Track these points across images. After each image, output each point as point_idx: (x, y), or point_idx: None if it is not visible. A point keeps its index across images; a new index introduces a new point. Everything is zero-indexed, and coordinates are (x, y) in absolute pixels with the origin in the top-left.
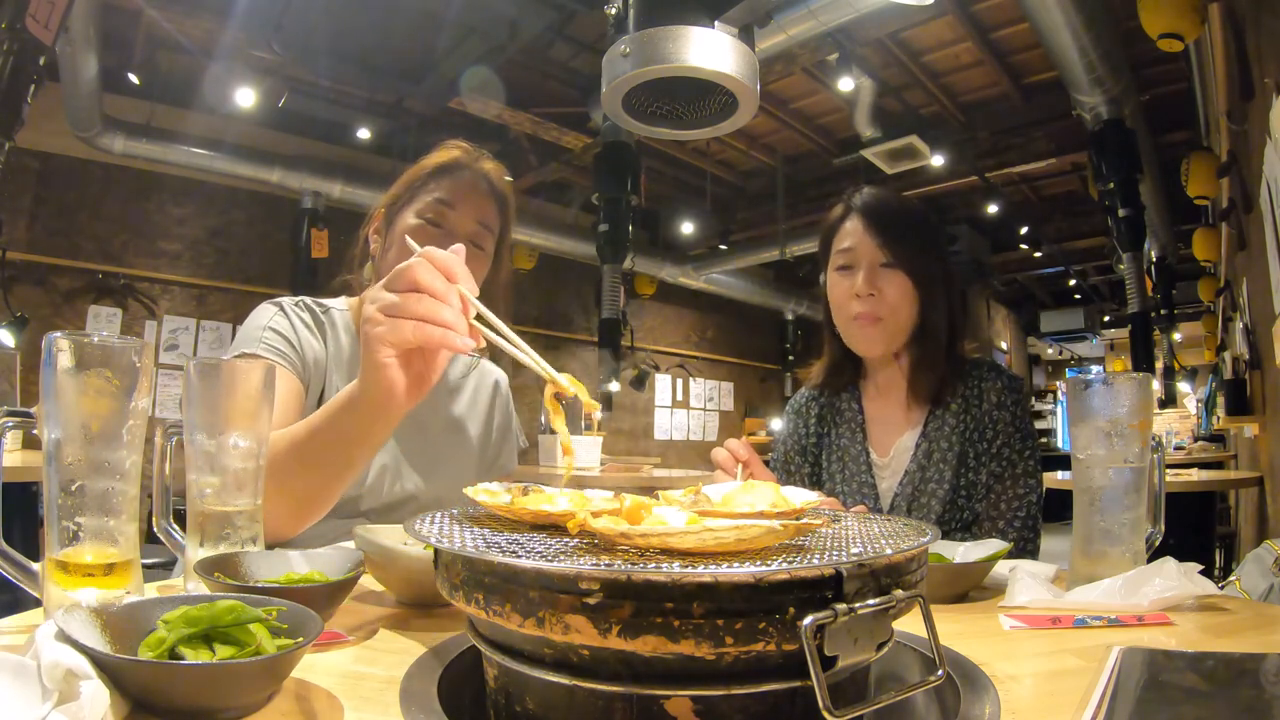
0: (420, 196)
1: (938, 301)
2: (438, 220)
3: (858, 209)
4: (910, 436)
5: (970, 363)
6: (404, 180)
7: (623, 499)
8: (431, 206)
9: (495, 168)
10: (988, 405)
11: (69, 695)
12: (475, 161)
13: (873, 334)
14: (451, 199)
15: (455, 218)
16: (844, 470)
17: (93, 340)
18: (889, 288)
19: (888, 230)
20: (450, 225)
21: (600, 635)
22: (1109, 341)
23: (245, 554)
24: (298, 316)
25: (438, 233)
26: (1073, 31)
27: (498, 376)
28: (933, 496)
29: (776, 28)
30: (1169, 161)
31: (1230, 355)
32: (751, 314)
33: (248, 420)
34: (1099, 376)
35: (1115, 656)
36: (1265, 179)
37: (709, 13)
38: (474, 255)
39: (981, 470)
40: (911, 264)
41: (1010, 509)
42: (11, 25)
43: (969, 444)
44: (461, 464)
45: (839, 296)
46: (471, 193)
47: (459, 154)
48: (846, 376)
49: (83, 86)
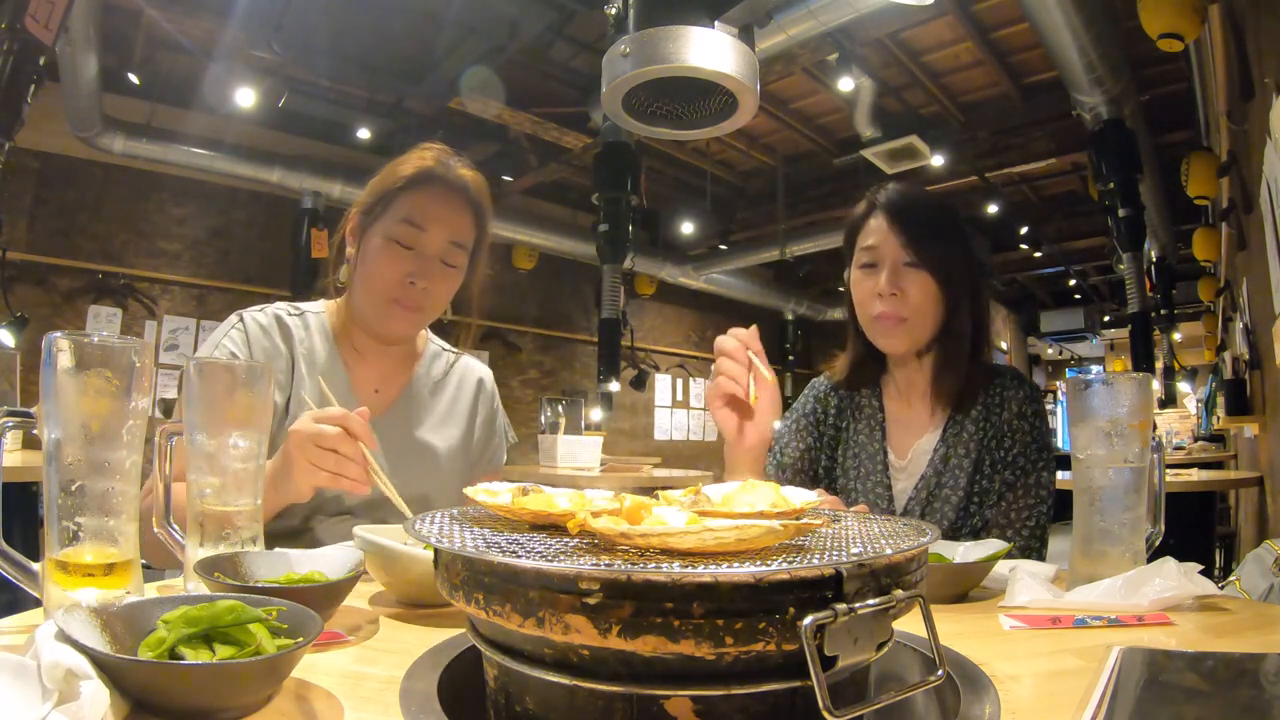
0: (392, 211)
1: (963, 304)
2: (408, 243)
3: (882, 206)
4: (929, 440)
5: (993, 369)
6: (376, 187)
7: (623, 499)
8: (401, 228)
9: (472, 176)
10: (1008, 414)
11: (69, 695)
12: (449, 170)
13: (895, 334)
14: (422, 219)
15: (426, 239)
16: (859, 468)
17: (93, 340)
18: (912, 288)
19: (913, 229)
20: (421, 247)
21: (600, 635)
22: (1109, 341)
23: (245, 554)
24: (257, 326)
25: (408, 255)
26: (1073, 31)
27: (482, 374)
28: (946, 503)
29: (776, 28)
30: (1169, 161)
31: (1230, 355)
32: (751, 314)
33: (248, 420)
34: (1099, 376)
35: (1115, 656)
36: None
37: (709, 13)
38: (444, 273)
39: (995, 478)
40: (936, 264)
41: (1020, 518)
42: (11, 25)
43: (986, 451)
44: (446, 461)
45: (862, 295)
46: (444, 209)
47: (432, 163)
48: (869, 373)
49: (83, 86)
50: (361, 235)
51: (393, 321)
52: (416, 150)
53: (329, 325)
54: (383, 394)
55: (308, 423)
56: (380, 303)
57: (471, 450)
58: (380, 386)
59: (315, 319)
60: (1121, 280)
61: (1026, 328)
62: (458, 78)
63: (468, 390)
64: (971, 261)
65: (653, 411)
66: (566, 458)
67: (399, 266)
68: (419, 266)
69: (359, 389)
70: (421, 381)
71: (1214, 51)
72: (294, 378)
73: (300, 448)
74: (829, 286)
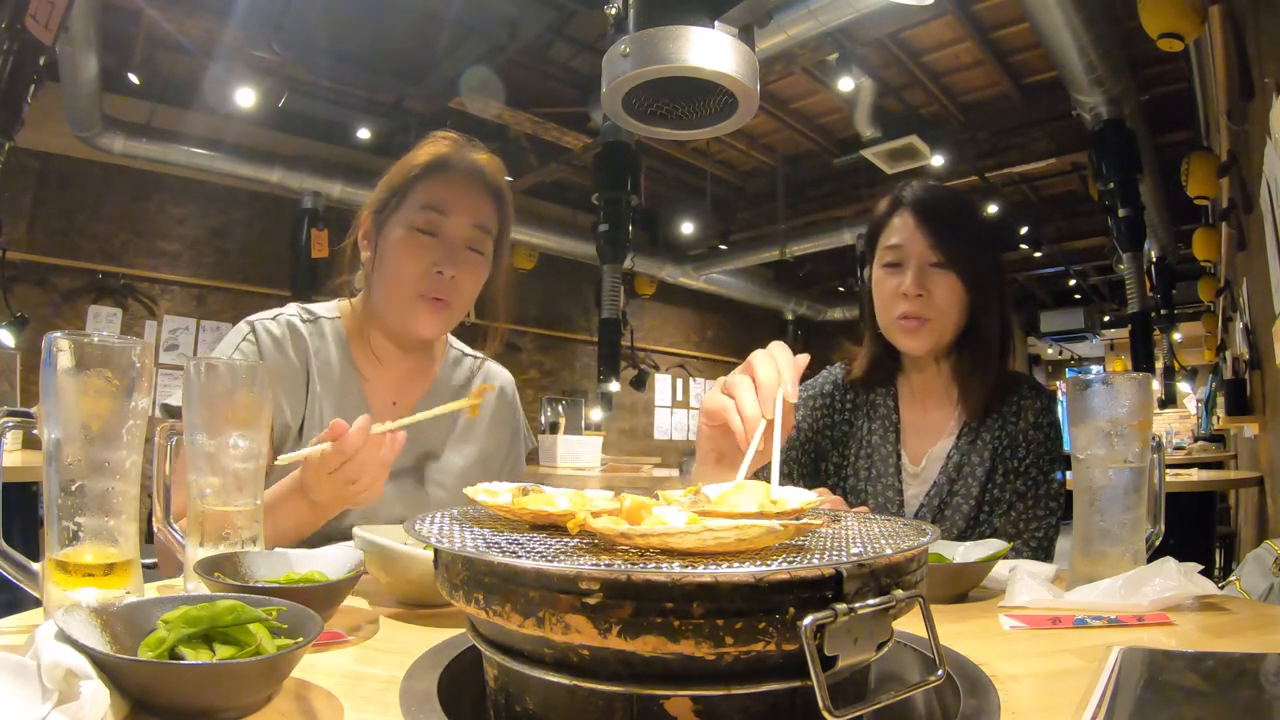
0: (410, 200)
1: (990, 306)
2: (431, 229)
3: (909, 204)
4: (944, 446)
5: (1014, 376)
6: (390, 181)
7: (623, 499)
8: (422, 215)
9: (489, 160)
10: (1024, 423)
11: (69, 695)
12: (466, 155)
13: (918, 335)
14: (443, 204)
15: (449, 225)
16: (871, 469)
17: (93, 340)
18: (938, 289)
19: (940, 228)
20: (445, 233)
21: (600, 635)
22: (1109, 341)
23: (245, 554)
24: (270, 338)
25: (432, 243)
26: (1073, 31)
27: (503, 381)
28: (958, 511)
29: (776, 28)
30: (1169, 161)
31: (1230, 355)
32: (751, 314)
33: (248, 420)
34: (1099, 376)
35: (1115, 656)
36: (1265, 179)
37: (709, 13)
38: (471, 261)
39: (1007, 487)
40: (963, 265)
41: (1029, 528)
42: (11, 25)
43: (999, 459)
44: (462, 480)
45: (885, 295)
46: (465, 193)
47: (448, 148)
48: (884, 373)
49: (83, 86)
50: (378, 234)
51: (419, 320)
52: (429, 139)
53: (344, 330)
54: (400, 407)
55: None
56: (405, 299)
57: (491, 466)
58: (397, 399)
59: (330, 325)
60: (1121, 280)
61: (1026, 328)
62: (458, 78)
63: (489, 401)
64: (999, 263)
65: (653, 411)
66: (566, 458)
67: (424, 256)
68: (445, 254)
69: (374, 402)
70: (441, 390)
71: (1214, 51)
72: (309, 394)
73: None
74: (829, 286)
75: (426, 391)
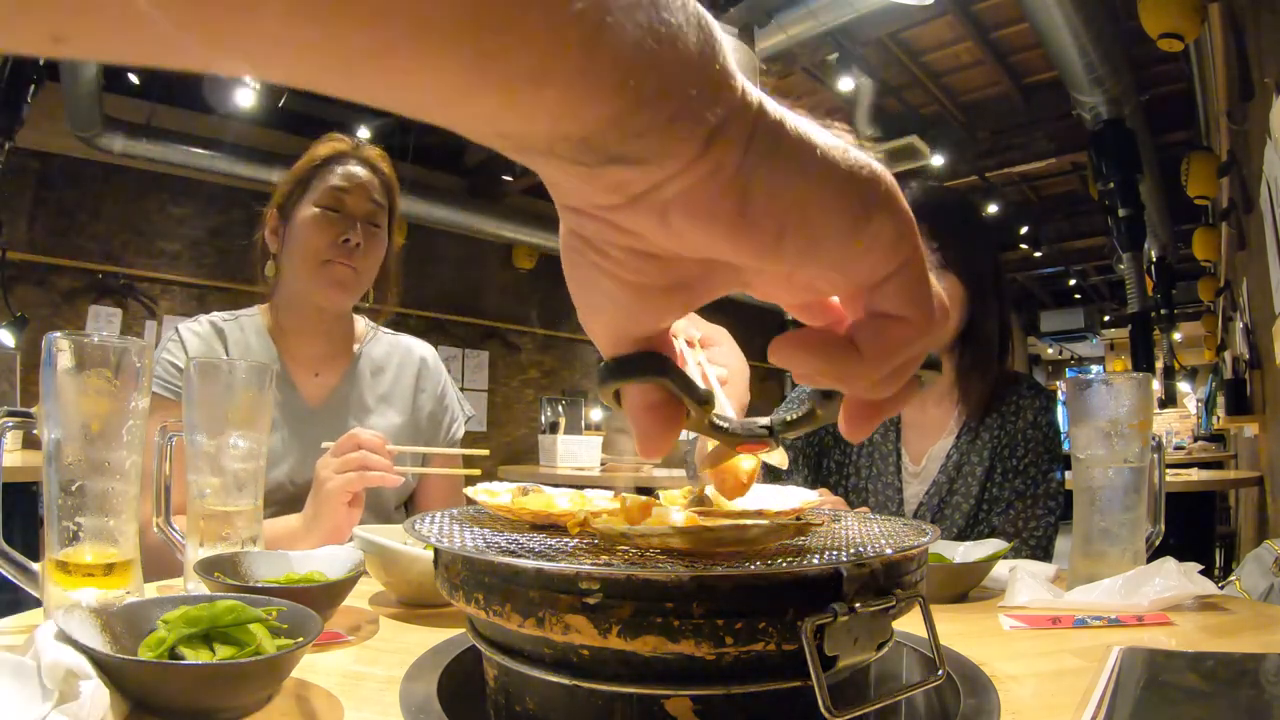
0: (315, 186)
1: (989, 305)
2: (336, 205)
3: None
4: (943, 445)
5: (1013, 376)
6: (294, 175)
7: (623, 499)
8: (328, 194)
9: (378, 153)
10: (1023, 423)
11: (69, 695)
12: (359, 150)
13: None
14: (346, 185)
15: (352, 201)
16: (871, 467)
17: (93, 340)
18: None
19: (937, 229)
20: (349, 209)
21: (600, 635)
22: (1109, 341)
23: (245, 554)
24: (194, 336)
25: (337, 217)
26: (1073, 31)
27: (424, 353)
28: (957, 509)
29: (776, 28)
30: (1169, 161)
31: (1230, 355)
32: (751, 314)
33: (248, 420)
34: (1099, 376)
35: (1115, 656)
36: (1265, 179)
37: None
38: (371, 235)
39: (1006, 486)
40: (962, 266)
41: (1028, 527)
42: None
43: (998, 458)
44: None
45: None
46: (362, 178)
47: (343, 145)
48: None
49: (83, 86)
50: (284, 224)
51: (330, 286)
52: (325, 139)
53: (261, 321)
54: (323, 378)
55: (328, 461)
56: (315, 267)
57: (421, 431)
58: (320, 370)
59: (250, 321)
60: (1121, 280)
61: (1026, 328)
62: None
63: (409, 371)
64: (998, 264)
65: None
66: (566, 458)
67: (331, 229)
68: (350, 225)
69: (298, 375)
70: (363, 364)
71: (1214, 51)
72: None
73: (325, 479)
74: None
75: (349, 364)
